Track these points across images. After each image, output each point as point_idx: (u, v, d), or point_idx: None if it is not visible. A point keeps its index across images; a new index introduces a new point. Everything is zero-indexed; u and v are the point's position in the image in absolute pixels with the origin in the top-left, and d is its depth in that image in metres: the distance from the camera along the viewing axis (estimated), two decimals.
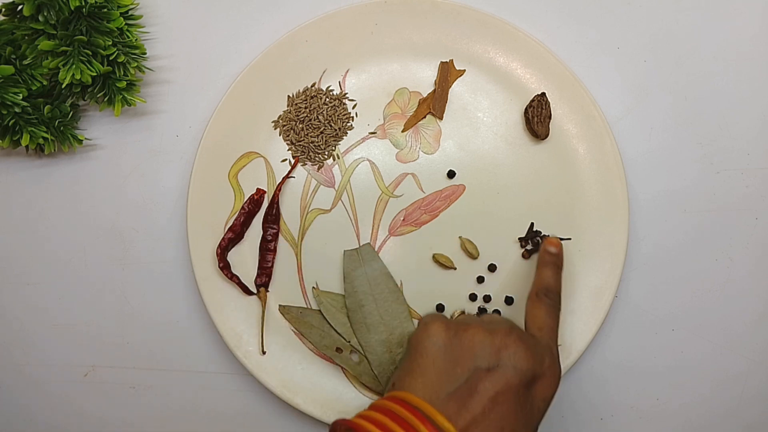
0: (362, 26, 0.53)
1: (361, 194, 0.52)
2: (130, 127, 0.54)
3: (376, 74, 0.54)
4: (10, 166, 0.54)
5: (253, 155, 0.52)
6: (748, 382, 0.52)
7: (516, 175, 0.52)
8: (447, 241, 0.52)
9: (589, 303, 0.51)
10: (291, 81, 0.53)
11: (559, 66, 0.53)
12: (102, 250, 0.53)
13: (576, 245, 0.52)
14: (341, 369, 0.50)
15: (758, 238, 0.53)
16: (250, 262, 0.51)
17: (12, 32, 0.49)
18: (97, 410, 0.52)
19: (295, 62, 0.53)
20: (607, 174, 0.52)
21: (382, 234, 0.52)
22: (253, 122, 0.52)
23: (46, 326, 0.52)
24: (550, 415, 0.52)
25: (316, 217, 0.52)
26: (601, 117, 0.52)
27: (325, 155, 0.52)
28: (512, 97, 0.53)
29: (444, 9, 0.53)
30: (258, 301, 0.50)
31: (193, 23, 0.55)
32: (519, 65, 0.53)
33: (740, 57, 0.55)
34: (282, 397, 0.49)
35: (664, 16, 0.56)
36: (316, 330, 0.50)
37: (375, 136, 0.53)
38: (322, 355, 0.50)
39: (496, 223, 0.52)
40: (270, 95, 0.53)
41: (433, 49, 0.54)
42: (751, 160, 0.54)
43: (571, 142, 0.53)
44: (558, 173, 0.52)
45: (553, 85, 0.53)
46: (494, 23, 0.53)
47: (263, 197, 0.52)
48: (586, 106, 0.52)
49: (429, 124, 0.53)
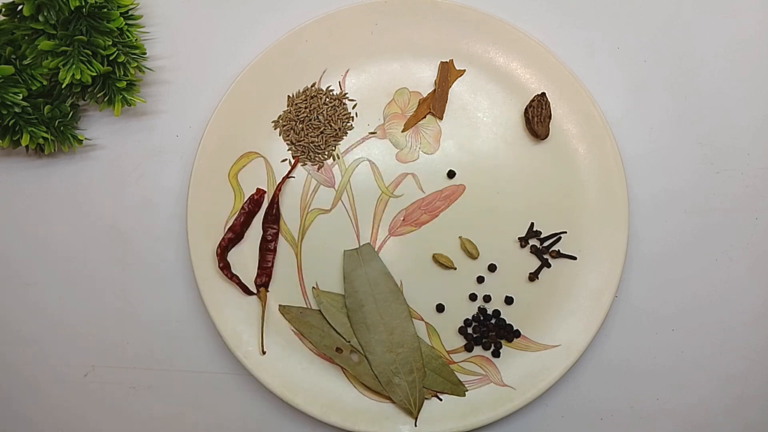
0: (362, 26, 0.53)
1: (361, 194, 0.52)
2: (130, 127, 0.54)
3: (376, 74, 0.54)
4: (10, 166, 0.54)
5: (253, 155, 0.52)
6: (748, 382, 0.52)
7: (516, 175, 0.52)
8: (447, 241, 0.52)
9: (589, 303, 0.51)
10: (291, 81, 0.53)
11: (559, 66, 0.53)
12: (102, 250, 0.53)
13: (576, 245, 0.52)
14: (341, 369, 0.50)
15: (758, 237, 0.53)
16: (250, 262, 0.51)
17: (12, 32, 0.49)
18: (97, 410, 0.52)
19: (295, 62, 0.53)
20: (607, 174, 0.52)
21: (382, 234, 0.52)
22: (253, 122, 0.52)
23: (46, 326, 0.52)
24: (551, 415, 0.52)
25: (316, 217, 0.52)
26: (601, 117, 0.52)
27: (325, 155, 0.52)
28: (512, 97, 0.53)
29: (444, 9, 0.53)
30: (258, 301, 0.51)
31: (193, 23, 0.55)
32: (519, 65, 0.53)
33: (740, 57, 0.55)
34: (282, 397, 0.49)
35: (664, 17, 0.56)
36: (316, 330, 0.50)
37: (375, 136, 0.53)
38: (322, 355, 0.50)
39: (496, 223, 0.52)
40: (270, 95, 0.53)
41: (433, 49, 0.54)
42: (751, 160, 0.54)
43: (571, 142, 0.53)
44: (558, 173, 0.52)
45: (553, 85, 0.53)
46: (494, 23, 0.53)
47: (263, 197, 0.52)
48: (586, 106, 0.52)
49: (429, 125, 0.53)
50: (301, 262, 0.51)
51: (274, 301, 0.51)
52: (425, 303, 0.51)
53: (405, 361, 0.49)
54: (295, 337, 0.50)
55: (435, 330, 0.51)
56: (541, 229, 0.52)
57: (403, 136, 0.53)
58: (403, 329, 0.49)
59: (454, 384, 0.50)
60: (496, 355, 0.51)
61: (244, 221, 0.51)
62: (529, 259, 0.52)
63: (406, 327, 0.49)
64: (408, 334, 0.49)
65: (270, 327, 0.50)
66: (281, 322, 0.50)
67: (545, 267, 0.51)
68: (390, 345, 0.49)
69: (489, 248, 0.52)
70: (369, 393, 0.49)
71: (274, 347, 0.50)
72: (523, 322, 0.51)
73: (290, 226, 0.52)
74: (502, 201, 0.52)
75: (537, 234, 0.52)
